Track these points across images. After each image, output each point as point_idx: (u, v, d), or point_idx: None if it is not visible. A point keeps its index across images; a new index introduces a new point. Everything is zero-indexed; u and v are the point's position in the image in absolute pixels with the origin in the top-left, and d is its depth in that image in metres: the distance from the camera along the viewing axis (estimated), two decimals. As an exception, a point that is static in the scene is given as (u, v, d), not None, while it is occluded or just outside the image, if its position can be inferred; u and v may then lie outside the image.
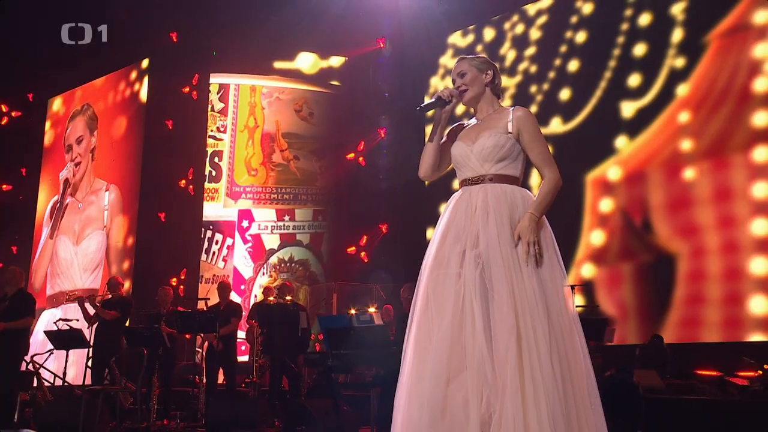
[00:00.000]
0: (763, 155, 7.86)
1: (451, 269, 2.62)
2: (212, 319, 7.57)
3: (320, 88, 12.13)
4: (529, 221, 2.58)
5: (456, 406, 2.44)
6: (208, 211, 11.55)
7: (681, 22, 8.79)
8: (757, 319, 7.66)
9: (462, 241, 2.64)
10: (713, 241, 8.04)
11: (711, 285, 8.00)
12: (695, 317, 8.11)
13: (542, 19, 10.60)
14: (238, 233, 11.46)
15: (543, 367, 2.40)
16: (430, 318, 2.61)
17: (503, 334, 2.43)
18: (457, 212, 2.72)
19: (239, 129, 11.83)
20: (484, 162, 2.75)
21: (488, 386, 2.41)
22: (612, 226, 9.18)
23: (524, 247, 2.55)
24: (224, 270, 11.27)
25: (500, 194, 2.69)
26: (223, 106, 11.89)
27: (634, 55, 9.31)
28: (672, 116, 8.66)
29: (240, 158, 11.75)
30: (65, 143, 13.24)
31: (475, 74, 2.86)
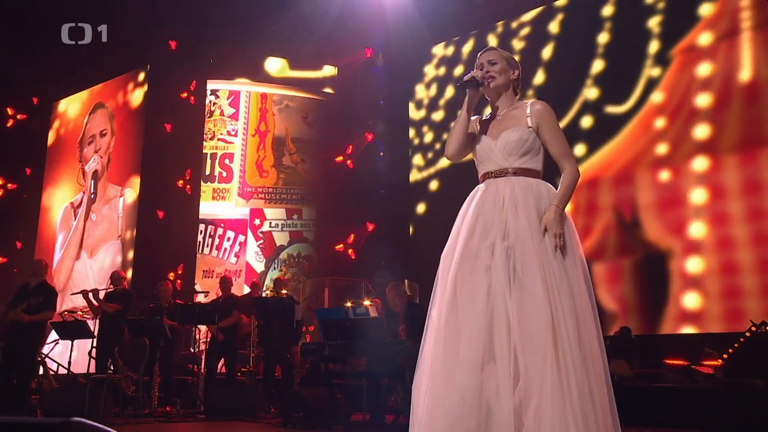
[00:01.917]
0: (700, 165, 8.00)
1: (480, 261, 2.53)
2: (211, 311, 7.51)
3: (314, 96, 12.17)
4: (555, 213, 2.52)
5: (490, 394, 2.36)
6: (219, 210, 11.59)
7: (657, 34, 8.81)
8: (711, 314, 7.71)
9: (491, 234, 2.56)
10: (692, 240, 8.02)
11: (675, 282, 8.01)
12: (665, 311, 8.09)
13: (525, 31, 10.59)
14: (251, 231, 11.49)
15: (574, 356, 2.34)
16: (459, 309, 2.51)
17: (540, 326, 2.36)
18: (485, 205, 2.63)
19: (250, 133, 11.85)
20: (508, 156, 2.67)
21: (522, 375, 2.33)
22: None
23: (551, 239, 2.49)
24: (236, 265, 11.29)
25: (526, 187, 2.61)
26: (233, 111, 11.89)
27: (612, 66, 9.31)
28: (646, 122, 8.63)
29: (251, 161, 11.76)
30: (85, 137, 12.81)
31: (505, 66, 2.80)
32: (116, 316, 7.92)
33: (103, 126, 12.56)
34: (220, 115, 11.80)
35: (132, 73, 12.25)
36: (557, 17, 10.13)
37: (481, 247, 2.55)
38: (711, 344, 7.23)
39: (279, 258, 11.45)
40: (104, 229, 11.82)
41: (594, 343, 2.45)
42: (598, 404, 2.34)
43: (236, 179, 11.65)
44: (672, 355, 7.43)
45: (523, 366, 2.34)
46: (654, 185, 8.39)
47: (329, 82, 12.27)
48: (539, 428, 2.26)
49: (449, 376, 2.44)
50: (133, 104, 12.14)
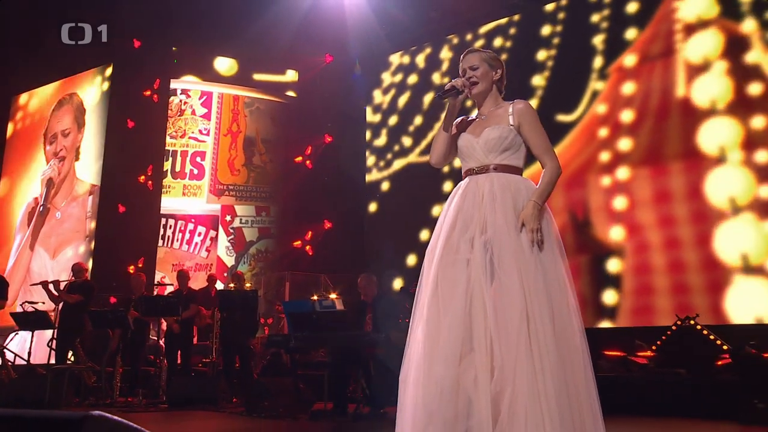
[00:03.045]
0: (624, 174, 8.26)
1: (460, 255, 2.46)
2: (175, 303, 7.21)
3: (278, 98, 11.99)
4: (533, 209, 2.44)
5: (468, 384, 2.29)
6: (190, 206, 11.29)
7: (600, 51, 8.98)
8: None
9: (471, 229, 2.49)
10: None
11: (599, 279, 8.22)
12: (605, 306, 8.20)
13: (479, 43, 10.62)
14: (222, 226, 11.24)
15: (549, 347, 2.27)
16: (439, 302, 2.44)
17: (514, 317, 2.30)
18: (465, 200, 2.56)
19: (222, 133, 11.61)
20: (489, 152, 2.59)
21: (498, 366, 2.27)
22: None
23: (528, 234, 2.41)
24: (207, 259, 11.03)
25: (505, 183, 2.54)
26: (206, 111, 11.60)
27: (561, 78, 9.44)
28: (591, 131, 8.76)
29: (223, 159, 11.53)
30: (47, 134, 12.15)
31: (486, 70, 2.71)
32: (78, 308, 7.56)
33: (67, 125, 11.95)
34: (191, 114, 11.50)
35: (98, 69, 11.72)
36: (510, 32, 10.23)
37: (461, 242, 2.49)
38: (641, 337, 7.37)
39: (248, 253, 11.26)
40: (70, 228, 11.23)
41: (573, 335, 2.40)
42: (574, 395, 2.28)
43: (208, 177, 11.40)
44: (609, 347, 7.53)
45: (498, 357, 2.28)
46: (597, 190, 8.53)
47: (292, 86, 12.10)
48: (513, 417, 2.21)
49: (429, 366, 2.37)
50: (97, 100, 11.60)
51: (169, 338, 7.61)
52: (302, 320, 5.43)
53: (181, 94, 11.47)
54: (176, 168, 11.27)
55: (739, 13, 8.06)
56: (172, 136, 11.36)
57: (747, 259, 7.31)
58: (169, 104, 11.32)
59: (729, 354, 5.91)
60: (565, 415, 2.21)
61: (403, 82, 11.55)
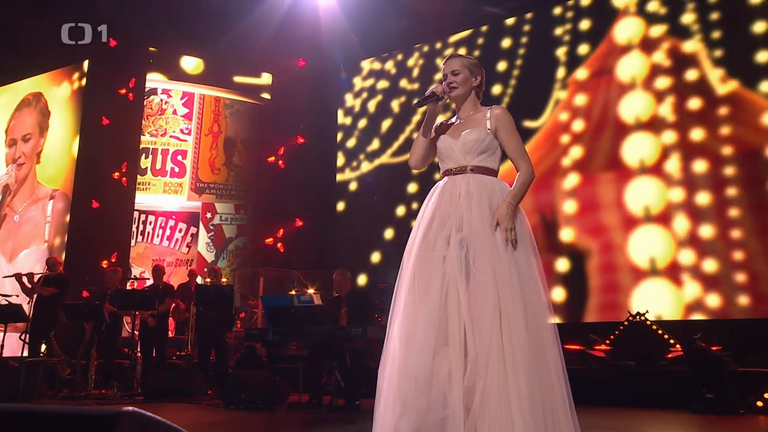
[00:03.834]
0: (573, 181, 8.57)
1: (437, 251, 2.44)
2: (151, 297, 6.99)
3: (253, 100, 11.79)
4: (507, 209, 2.42)
5: (441, 377, 2.26)
6: (171, 203, 11.04)
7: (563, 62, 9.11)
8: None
9: (447, 226, 2.46)
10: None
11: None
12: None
13: (449, 51, 10.63)
14: (202, 223, 11.03)
15: (521, 341, 2.25)
16: (416, 297, 2.41)
17: (487, 312, 2.27)
18: (443, 199, 2.54)
19: (204, 133, 11.39)
20: (467, 154, 2.57)
21: (471, 359, 2.25)
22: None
23: (502, 233, 2.39)
24: (188, 255, 10.81)
25: (481, 183, 2.52)
26: (187, 111, 11.36)
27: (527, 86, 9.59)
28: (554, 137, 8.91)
29: (204, 158, 11.32)
30: (7, 136, 11.68)
31: (467, 76, 2.69)
32: (52, 301, 7.27)
33: (29, 129, 11.47)
34: (173, 114, 11.26)
35: (70, 68, 11.32)
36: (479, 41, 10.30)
37: (437, 239, 2.47)
38: (594, 332, 7.48)
39: (227, 249, 11.10)
40: (28, 233, 10.78)
41: (544, 330, 2.38)
42: (546, 387, 2.26)
43: (189, 175, 11.17)
44: (566, 342, 7.61)
45: (472, 351, 2.26)
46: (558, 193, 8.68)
47: (266, 89, 11.93)
48: (484, 409, 2.19)
49: (405, 359, 2.35)
50: (71, 98, 11.19)
51: (144, 331, 7.39)
52: (280, 314, 5.31)
53: (162, 94, 11.21)
54: (156, 166, 11.02)
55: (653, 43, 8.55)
56: (153, 135, 11.10)
57: (654, 262, 7.86)
58: (149, 103, 11.05)
59: (681, 347, 6.01)
60: (537, 406, 2.19)
61: (374, 87, 11.52)
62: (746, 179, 8.03)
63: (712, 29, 8.60)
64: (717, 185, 8.18)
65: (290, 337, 5.40)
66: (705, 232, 7.97)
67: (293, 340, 5.57)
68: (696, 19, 8.48)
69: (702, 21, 8.41)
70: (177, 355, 7.88)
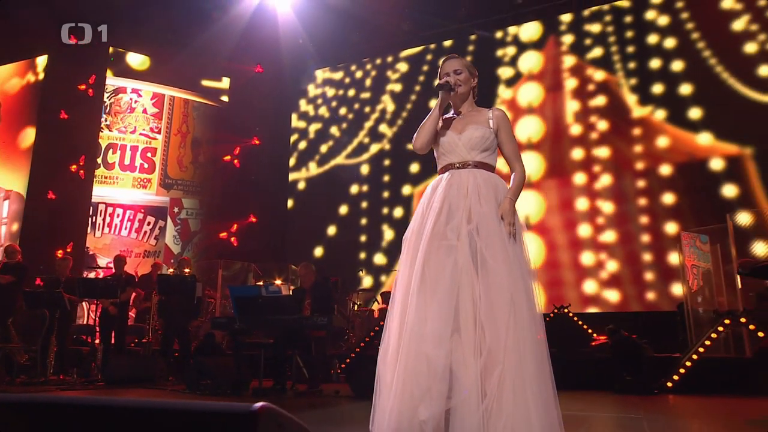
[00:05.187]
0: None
1: (446, 242, 2.32)
2: (113, 286, 6.55)
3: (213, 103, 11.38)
4: (510, 205, 2.37)
5: (456, 363, 2.16)
6: (141, 197, 10.57)
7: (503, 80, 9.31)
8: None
9: (457, 218, 2.36)
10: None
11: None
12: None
13: (402, 65, 10.67)
14: (170, 217, 10.57)
15: (527, 329, 2.20)
16: (427, 286, 2.28)
17: (504, 301, 2.19)
18: (450, 191, 2.42)
19: (173, 132, 10.92)
20: (471, 150, 2.49)
21: (488, 345, 2.16)
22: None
23: (506, 227, 2.33)
24: (156, 247, 10.32)
25: (486, 178, 2.45)
26: (157, 111, 10.86)
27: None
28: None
29: (173, 156, 10.86)
30: None
31: (468, 76, 2.61)
32: (10, 288, 6.69)
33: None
34: (143, 113, 10.73)
35: (27, 62, 10.52)
36: (427, 57, 10.40)
37: (446, 230, 2.36)
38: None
39: (192, 242, 10.68)
40: None
41: (538, 317, 2.33)
42: (546, 373, 2.23)
43: (158, 171, 10.70)
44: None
45: (488, 338, 2.18)
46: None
47: (225, 92, 11.54)
48: (502, 394, 2.12)
49: (419, 347, 2.22)
50: (27, 92, 10.40)
51: (105, 319, 6.93)
52: (248, 304, 5.08)
53: (131, 93, 10.65)
54: (125, 161, 10.51)
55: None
56: (121, 131, 10.57)
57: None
58: (118, 101, 10.51)
59: (607, 336, 6.19)
60: (543, 389, 2.16)
61: (325, 95, 11.39)
62: (649, 191, 8.53)
63: (627, 61, 9.05)
64: (621, 196, 8.68)
65: (257, 326, 5.18)
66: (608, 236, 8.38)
67: (260, 328, 5.35)
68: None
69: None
70: (136, 342, 7.45)
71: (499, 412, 2.10)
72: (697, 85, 8.52)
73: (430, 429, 2.12)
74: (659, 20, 9.01)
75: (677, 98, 8.58)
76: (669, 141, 8.53)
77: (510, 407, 2.09)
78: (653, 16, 9.07)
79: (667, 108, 8.64)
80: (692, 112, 8.45)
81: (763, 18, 8.33)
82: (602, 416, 3.92)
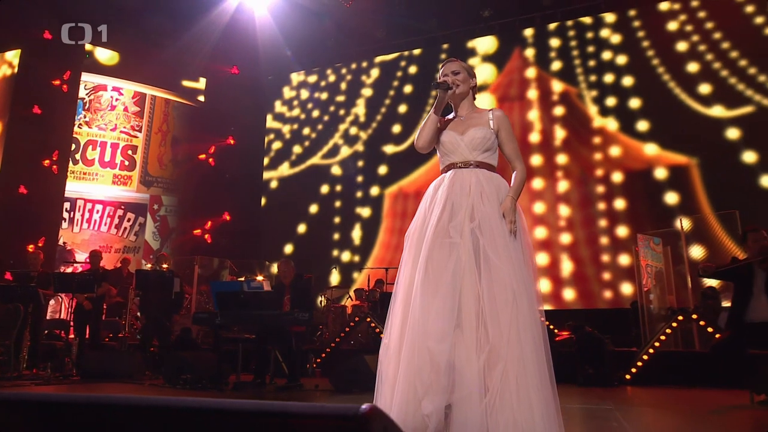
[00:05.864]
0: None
1: (449, 239, 2.27)
2: (90, 281, 6.25)
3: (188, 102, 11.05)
4: (511, 203, 2.32)
5: (459, 359, 2.11)
6: (122, 194, 10.17)
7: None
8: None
9: (460, 216, 2.30)
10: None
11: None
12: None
13: (375, 71, 10.61)
14: (150, 214, 10.23)
15: (528, 325, 2.15)
16: (430, 282, 2.22)
17: (508, 298, 2.14)
18: (453, 189, 2.37)
19: (154, 131, 10.56)
20: (473, 150, 2.44)
21: (492, 341, 2.11)
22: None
23: (507, 225, 2.29)
24: (135, 242, 9.94)
25: (489, 177, 2.40)
26: (138, 110, 10.49)
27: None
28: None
29: (154, 155, 10.52)
30: None
31: (466, 76, 2.56)
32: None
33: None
34: (123, 111, 10.33)
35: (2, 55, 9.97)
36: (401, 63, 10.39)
37: (449, 227, 2.31)
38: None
39: (171, 238, 10.37)
40: None
41: (537, 314, 2.28)
42: (545, 367, 2.18)
43: (138, 169, 10.33)
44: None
45: (491, 334, 2.13)
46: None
47: (201, 92, 11.24)
48: (504, 389, 2.08)
49: (422, 342, 2.16)
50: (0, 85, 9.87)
51: (79, 314, 6.60)
52: (230, 299, 4.92)
53: (112, 91, 10.27)
54: (105, 158, 10.11)
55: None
56: (101, 128, 10.15)
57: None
58: (98, 98, 10.11)
59: (569, 331, 6.27)
60: (544, 384, 2.12)
61: (299, 97, 11.26)
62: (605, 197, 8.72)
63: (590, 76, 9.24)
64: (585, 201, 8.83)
65: (238, 322, 5.01)
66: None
67: (241, 324, 5.18)
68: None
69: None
70: (110, 337, 7.13)
71: (501, 407, 2.05)
72: (646, 99, 8.80)
73: (434, 423, 2.07)
74: (612, 38, 9.26)
75: (628, 111, 8.84)
76: (621, 150, 8.75)
77: (514, 402, 2.05)
78: (607, 34, 9.31)
79: (619, 119, 8.87)
80: (640, 124, 8.72)
81: (709, 39, 8.65)
82: (574, 407, 3.94)
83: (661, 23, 9.01)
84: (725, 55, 8.48)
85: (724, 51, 8.51)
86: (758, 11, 8.48)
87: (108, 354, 6.27)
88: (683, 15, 8.91)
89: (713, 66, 8.51)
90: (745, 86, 8.28)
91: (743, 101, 8.22)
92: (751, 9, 8.53)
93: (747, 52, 8.38)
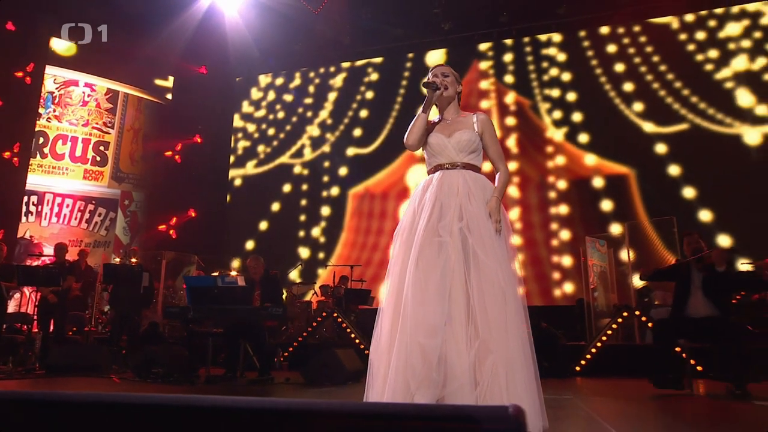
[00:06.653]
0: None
1: (439, 238, 2.24)
2: (56, 274, 5.86)
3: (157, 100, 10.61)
4: (497, 203, 2.33)
5: (450, 353, 2.09)
6: (93, 189, 9.69)
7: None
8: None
9: (448, 215, 2.28)
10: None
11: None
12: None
13: (342, 75, 10.51)
14: (120, 209, 9.78)
15: (514, 320, 2.15)
16: (421, 279, 2.19)
17: (497, 295, 2.14)
18: (442, 190, 2.35)
19: (126, 128, 10.11)
20: (460, 152, 2.43)
21: (478, 337, 2.09)
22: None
23: (493, 224, 2.28)
24: (106, 237, 9.48)
25: (475, 178, 2.39)
26: (111, 106, 10.00)
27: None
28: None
29: (125, 151, 10.07)
30: None
31: (454, 80, 2.57)
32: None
33: None
34: (96, 107, 9.80)
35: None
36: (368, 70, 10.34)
37: (439, 227, 2.29)
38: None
39: (140, 233, 9.96)
40: None
41: (521, 310, 2.29)
42: (530, 360, 2.20)
43: (110, 165, 9.86)
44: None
45: (480, 329, 2.12)
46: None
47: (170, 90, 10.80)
48: (494, 382, 2.07)
49: (413, 338, 2.13)
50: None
51: (43, 307, 6.17)
52: (203, 294, 4.71)
53: (84, 87, 9.73)
54: (76, 153, 9.58)
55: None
56: (73, 123, 9.61)
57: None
58: (69, 93, 9.56)
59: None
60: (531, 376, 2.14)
61: (266, 98, 11.03)
62: (552, 203, 8.95)
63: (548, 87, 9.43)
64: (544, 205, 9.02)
65: (211, 316, 4.81)
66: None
67: (214, 318, 4.97)
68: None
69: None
70: (75, 330, 6.71)
71: (491, 399, 2.04)
72: (587, 113, 9.13)
73: None
74: (558, 56, 9.54)
75: (572, 123, 9.14)
76: (566, 159, 9.02)
77: (504, 395, 2.04)
78: (555, 52, 9.58)
79: (565, 131, 9.15)
80: (581, 137, 9.03)
81: (648, 61, 9.03)
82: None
83: (603, 45, 9.34)
84: (662, 77, 8.88)
85: (661, 72, 8.91)
86: (689, 39, 8.95)
87: (73, 348, 5.90)
88: (626, 38, 9.27)
89: (652, 86, 8.89)
90: (680, 105, 8.70)
91: (678, 119, 8.64)
92: (684, 36, 8.98)
93: (681, 74, 8.80)
